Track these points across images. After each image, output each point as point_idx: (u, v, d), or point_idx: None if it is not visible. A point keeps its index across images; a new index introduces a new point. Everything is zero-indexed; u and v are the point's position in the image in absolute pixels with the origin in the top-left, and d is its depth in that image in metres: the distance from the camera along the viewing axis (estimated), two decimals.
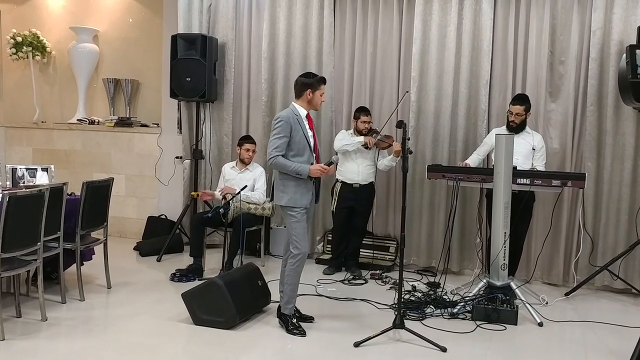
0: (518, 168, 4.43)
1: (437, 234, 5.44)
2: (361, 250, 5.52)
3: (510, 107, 4.75)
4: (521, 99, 4.72)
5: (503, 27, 5.27)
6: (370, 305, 4.45)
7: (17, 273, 3.81)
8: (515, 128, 4.69)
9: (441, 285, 4.72)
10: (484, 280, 4.48)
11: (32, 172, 4.71)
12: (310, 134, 3.81)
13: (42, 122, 6.95)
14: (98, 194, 4.47)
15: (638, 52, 4.38)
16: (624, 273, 4.90)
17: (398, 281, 3.85)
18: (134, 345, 3.55)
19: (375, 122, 5.39)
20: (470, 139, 5.32)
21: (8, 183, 4.61)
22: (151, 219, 6.41)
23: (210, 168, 6.15)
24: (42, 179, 4.73)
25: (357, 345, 3.60)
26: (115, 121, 6.61)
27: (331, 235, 5.66)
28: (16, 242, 3.59)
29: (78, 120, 6.79)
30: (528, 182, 4.36)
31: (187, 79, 5.76)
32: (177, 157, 6.38)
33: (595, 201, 5.01)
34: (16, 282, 3.97)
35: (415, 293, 4.62)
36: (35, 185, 4.48)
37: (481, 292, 4.38)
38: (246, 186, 5.08)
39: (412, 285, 4.84)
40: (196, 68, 5.73)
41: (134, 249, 6.03)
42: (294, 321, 3.83)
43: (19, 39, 6.77)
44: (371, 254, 5.59)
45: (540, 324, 4.09)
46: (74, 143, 6.78)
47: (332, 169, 3.88)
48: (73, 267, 4.43)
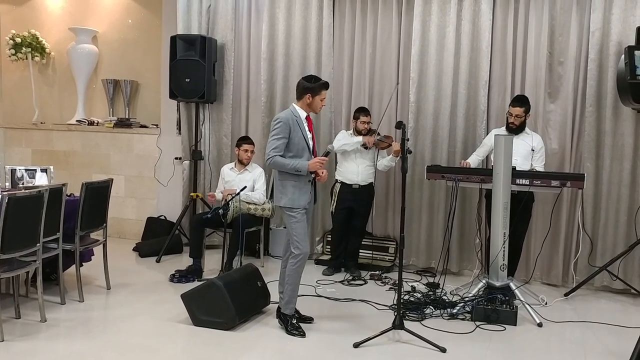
0: (517, 169, 4.43)
1: (437, 235, 5.44)
2: (360, 250, 5.52)
3: (509, 109, 4.74)
4: (521, 101, 4.72)
5: (502, 28, 5.27)
6: (369, 305, 4.45)
7: (17, 274, 3.81)
8: (514, 129, 4.69)
9: (440, 285, 4.73)
10: (484, 280, 4.48)
11: (32, 173, 4.71)
12: (309, 136, 3.81)
13: (42, 123, 6.95)
14: (97, 195, 4.47)
15: (637, 53, 4.38)
16: (623, 273, 4.91)
17: (397, 282, 3.86)
18: (134, 346, 3.55)
19: (374, 123, 5.39)
20: (469, 140, 5.32)
21: (7, 184, 4.60)
22: (150, 220, 6.40)
23: (209, 169, 6.15)
24: (42, 180, 4.73)
25: (357, 345, 3.60)
26: (114, 122, 6.61)
27: (330, 236, 5.66)
28: (15, 243, 3.59)
29: (77, 121, 6.79)
30: (527, 183, 4.36)
31: (187, 80, 5.76)
32: (177, 158, 6.38)
33: (594, 202, 5.02)
34: (15, 283, 3.96)
35: (414, 294, 4.62)
36: (34, 186, 4.47)
37: (480, 293, 4.38)
38: (245, 187, 5.07)
39: (412, 285, 4.85)
40: (195, 69, 5.73)
41: (133, 250, 6.03)
42: (294, 322, 3.83)
43: (18, 40, 6.77)
44: (370, 255, 5.58)
45: (539, 325, 4.09)
46: (73, 144, 6.78)
47: (326, 174, 3.86)
48: (72, 268, 4.43)
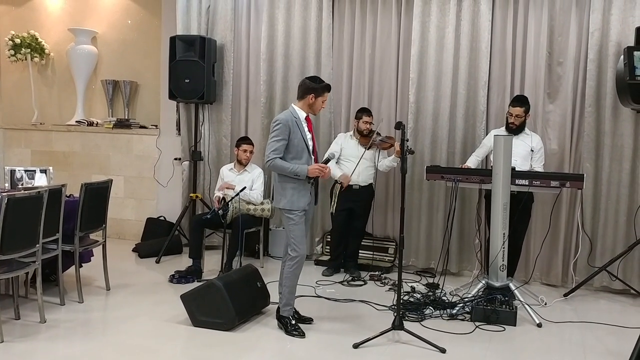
0: (517, 169, 4.43)
1: (436, 235, 5.44)
2: (360, 251, 5.52)
3: (509, 109, 4.73)
4: (521, 101, 4.72)
5: (501, 29, 5.28)
6: (369, 306, 4.45)
7: (16, 275, 3.81)
8: (514, 130, 4.69)
9: (440, 286, 4.72)
10: (483, 281, 4.48)
11: (31, 174, 4.71)
12: (309, 137, 3.81)
13: (41, 124, 6.95)
14: (97, 196, 4.47)
15: (636, 54, 4.38)
16: (623, 274, 4.91)
17: (397, 282, 3.86)
18: (133, 347, 3.55)
19: (374, 124, 5.38)
20: (468, 140, 5.32)
21: (7, 185, 4.60)
22: (150, 221, 6.40)
23: (209, 169, 6.15)
24: (41, 181, 4.73)
25: (356, 346, 3.60)
26: (114, 123, 6.61)
27: (330, 236, 5.65)
28: (15, 244, 3.59)
29: (77, 121, 6.79)
30: (527, 183, 4.36)
31: (186, 81, 5.76)
32: (176, 159, 6.38)
33: (593, 202, 5.02)
34: (15, 284, 3.96)
35: (414, 294, 4.62)
36: (33, 187, 4.47)
37: (480, 293, 4.38)
38: (245, 187, 5.07)
39: (411, 286, 4.85)
40: (195, 69, 5.73)
41: (133, 251, 6.03)
42: (293, 322, 3.82)
43: (18, 41, 6.76)
44: (370, 255, 5.58)
45: (539, 325, 4.09)
46: (73, 145, 6.78)
47: (329, 171, 3.86)
48: (72, 269, 4.43)
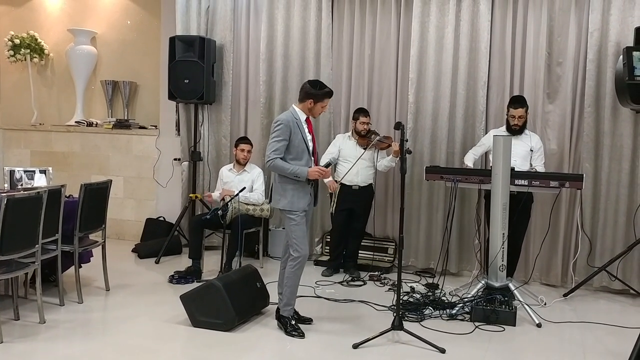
0: (516, 169, 4.43)
1: (436, 235, 5.44)
2: (360, 251, 5.52)
3: (511, 111, 4.69)
4: (521, 102, 4.71)
5: (501, 29, 5.28)
6: (369, 306, 4.45)
7: (15, 275, 3.81)
8: (518, 130, 4.68)
9: (440, 286, 4.73)
10: (483, 281, 4.48)
11: (30, 175, 4.71)
12: (309, 138, 3.81)
13: (40, 125, 6.95)
14: (96, 196, 4.46)
15: (635, 54, 4.38)
16: (622, 274, 4.91)
17: (397, 282, 3.86)
18: (133, 347, 3.55)
19: (373, 124, 5.39)
20: (468, 140, 5.32)
21: (6, 185, 4.60)
22: (149, 221, 6.40)
23: (208, 170, 6.15)
24: (40, 181, 4.73)
25: (356, 346, 3.59)
26: (113, 123, 6.61)
27: (329, 237, 5.65)
28: (14, 245, 3.59)
29: (76, 122, 6.78)
30: (526, 183, 4.36)
31: (185, 81, 5.76)
32: (176, 159, 6.38)
33: (593, 202, 5.02)
34: (14, 285, 3.96)
35: (413, 294, 4.62)
36: (33, 187, 4.47)
37: (480, 293, 4.38)
38: (244, 188, 5.07)
39: (411, 286, 4.85)
40: (194, 70, 5.73)
41: (132, 251, 6.03)
42: (293, 323, 3.82)
43: (17, 41, 6.76)
44: (370, 256, 5.58)
45: (538, 325, 4.09)
46: (72, 145, 6.78)
47: (330, 172, 3.87)
48: (71, 270, 4.42)
